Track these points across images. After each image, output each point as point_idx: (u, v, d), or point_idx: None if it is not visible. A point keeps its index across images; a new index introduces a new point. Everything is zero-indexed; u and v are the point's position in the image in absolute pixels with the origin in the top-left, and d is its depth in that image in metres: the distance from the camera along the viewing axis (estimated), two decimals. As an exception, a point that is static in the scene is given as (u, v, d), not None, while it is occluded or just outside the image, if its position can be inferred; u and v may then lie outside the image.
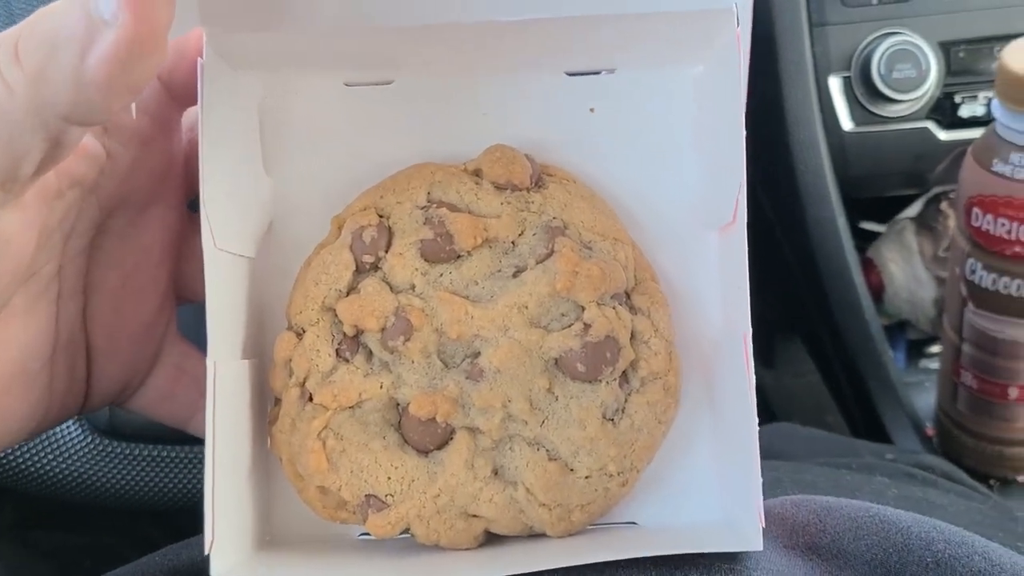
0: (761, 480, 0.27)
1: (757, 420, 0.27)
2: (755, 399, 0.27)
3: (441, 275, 0.31)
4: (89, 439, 0.45)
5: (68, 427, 0.45)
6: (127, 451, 0.46)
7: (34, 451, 0.45)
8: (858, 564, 0.28)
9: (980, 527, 0.30)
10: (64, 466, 0.45)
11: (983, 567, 0.27)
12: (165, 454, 0.46)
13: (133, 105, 0.29)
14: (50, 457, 0.45)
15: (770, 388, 0.79)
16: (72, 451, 0.45)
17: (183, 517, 0.36)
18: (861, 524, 0.29)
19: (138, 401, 0.34)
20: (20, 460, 0.45)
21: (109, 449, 0.45)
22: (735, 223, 0.29)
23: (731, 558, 0.28)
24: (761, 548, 0.27)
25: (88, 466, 0.45)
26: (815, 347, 0.69)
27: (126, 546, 0.57)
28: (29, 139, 0.24)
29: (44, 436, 0.45)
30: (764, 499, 0.27)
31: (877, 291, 0.66)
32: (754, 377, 0.28)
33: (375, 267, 0.31)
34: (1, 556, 0.63)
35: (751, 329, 0.28)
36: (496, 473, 0.30)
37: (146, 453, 0.46)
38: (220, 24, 0.28)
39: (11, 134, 0.24)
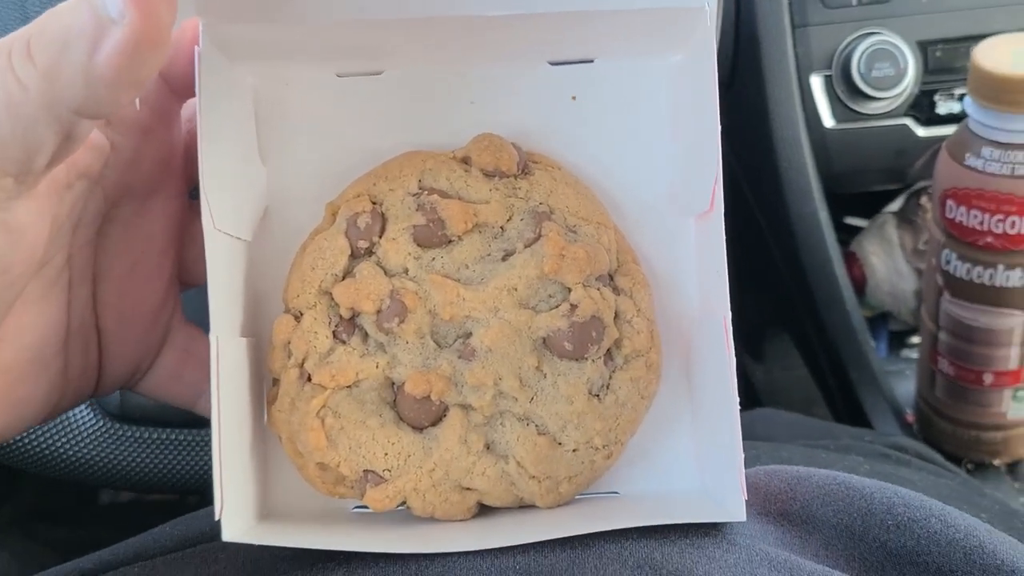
0: (743, 455, 0.29)
1: (738, 399, 0.29)
2: (736, 379, 0.29)
3: (433, 259, 0.32)
4: (101, 423, 0.46)
5: (80, 411, 0.47)
6: (137, 434, 0.47)
7: (47, 435, 0.46)
8: (826, 528, 0.30)
9: (947, 499, 0.31)
10: (76, 449, 0.46)
11: (939, 528, 0.29)
12: (174, 437, 0.47)
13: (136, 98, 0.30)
14: (63, 441, 0.46)
15: (759, 382, 0.81)
16: (84, 435, 0.46)
17: (185, 509, 0.37)
18: (828, 491, 0.30)
19: (147, 384, 0.35)
20: (34, 443, 0.46)
21: (120, 433, 0.47)
22: (712, 211, 0.30)
23: (708, 524, 0.30)
24: (744, 519, 0.29)
25: (100, 449, 0.46)
26: (800, 339, 0.71)
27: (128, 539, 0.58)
28: (43, 132, 0.25)
29: (57, 420, 0.46)
30: None
31: (860, 284, 0.67)
32: (734, 359, 0.29)
33: (369, 252, 0.32)
34: (7, 547, 0.64)
35: (731, 313, 0.29)
36: (488, 448, 0.31)
37: (155, 436, 0.47)
38: (216, 14, 0.29)
39: (25, 128, 0.25)
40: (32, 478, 0.74)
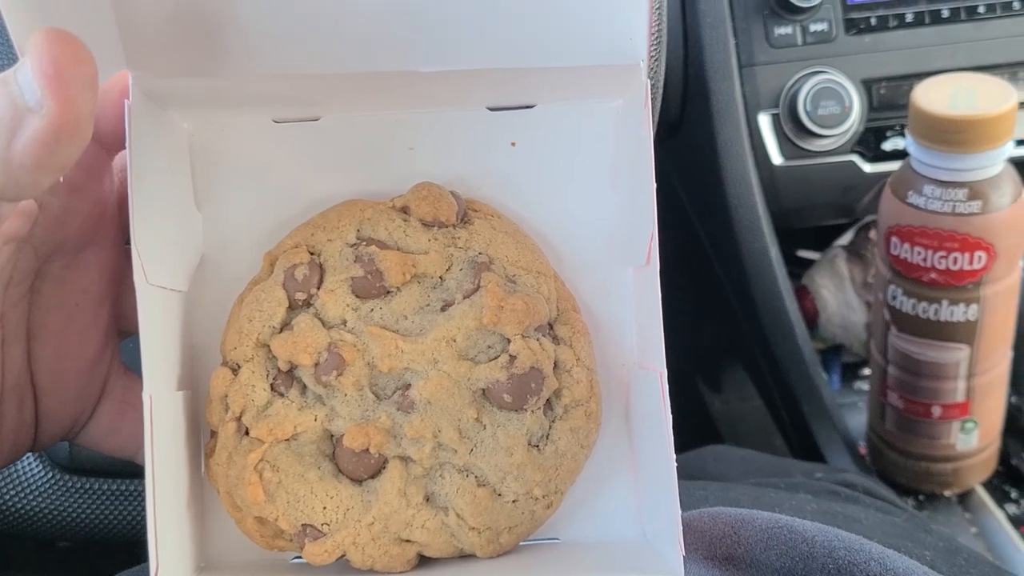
0: (680, 512, 0.28)
1: (674, 456, 0.29)
2: (671, 437, 0.29)
3: (372, 310, 0.32)
4: (49, 474, 0.46)
5: (28, 462, 0.46)
6: (86, 485, 0.46)
7: (-9, 486, 0.46)
8: (769, 572, 0.30)
9: (892, 538, 0.32)
10: (24, 501, 0.45)
11: (878, 571, 0.29)
12: (124, 487, 0.46)
13: None
14: (11, 492, 0.45)
15: (717, 412, 0.81)
16: (32, 486, 0.46)
17: (137, 550, 0.37)
18: (771, 535, 0.31)
19: (86, 436, 0.34)
20: (-26, 496, 0.46)
21: (69, 484, 0.46)
22: (648, 266, 0.30)
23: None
24: (682, 574, 0.29)
25: (48, 501, 0.46)
26: (754, 372, 0.71)
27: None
28: None
29: (4, 472, 0.45)
30: (684, 511, 0.29)
31: (812, 317, 0.68)
32: (670, 416, 0.29)
33: (307, 304, 0.32)
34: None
35: (666, 370, 0.29)
36: (428, 500, 0.31)
37: (105, 487, 0.46)
38: (146, 69, 0.29)
39: None
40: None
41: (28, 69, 0.24)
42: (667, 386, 0.29)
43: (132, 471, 0.46)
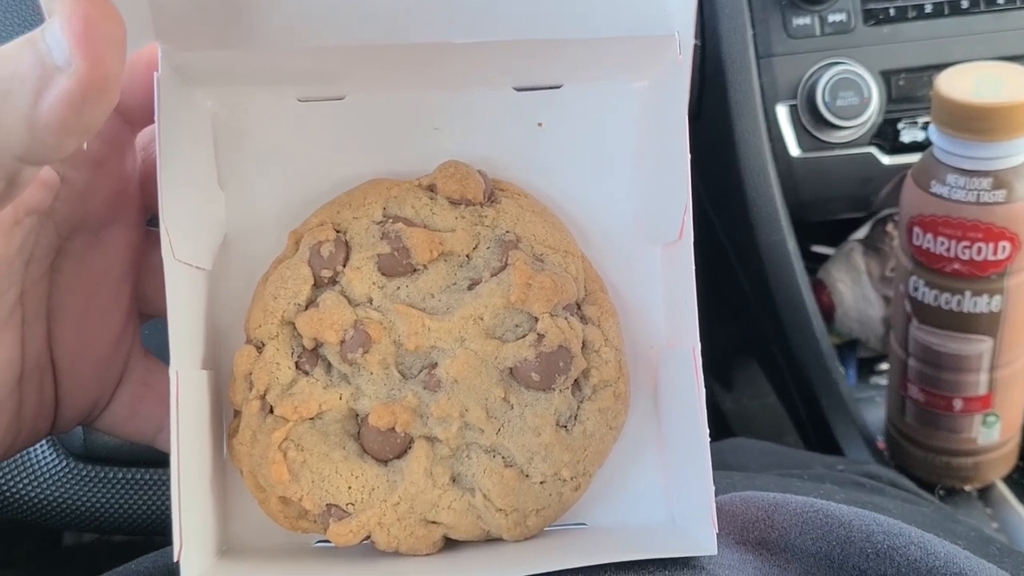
0: (713, 488, 0.28)
1: (708, 431, 0.28)
2: (705, 411, 0.28)
3: (398, 288, 0.31)
4: (63, 463, 0.45)
5: (43, 451, 0.45)
6: (101, 474, 0.45)
7: (8, 475, 0.45)
8: (804, 557, 0.29)
9: (923, 527, 0.31)
10: (39, 490, 0.45)
11: (918, 555, 0.28)
12: (139, 476, 0.46)
13: None
14: (25, 481, 0.45)
15: (729, 410, 0.80)
16: (47, 475, 0.45)
17: (151, 551, 0.36)
18: (806, 519, 0.30)
19: (105, 419, 0.34)
20: (-6, 485, 0.45)
21: (84, 473, 0.45)
22: (680, 240, 0.30)
23: (686, 558, 0.29)
24: (715, 552, 0.28)
25: (63, 490, 0.45)
26: (770, 367, 0.71)
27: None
28: None
29: (18, 460, 0.45)
30: (715, 496, 0.28)
31: (828, 311, 0.68)
32: (704, 389, 0.28)
33: (333, 281, 0.31)
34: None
35: (699, 343, 0.29)
36: (454, 480, 0.31)
37: (120, 476, 0.46)
38: (175, 41, 0.28)
39: None
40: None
41: (57, 27, 0.23)
42: (700, 359, 0.29)
43: (147, 460, 0.46)
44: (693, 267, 0.29)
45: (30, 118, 0.24)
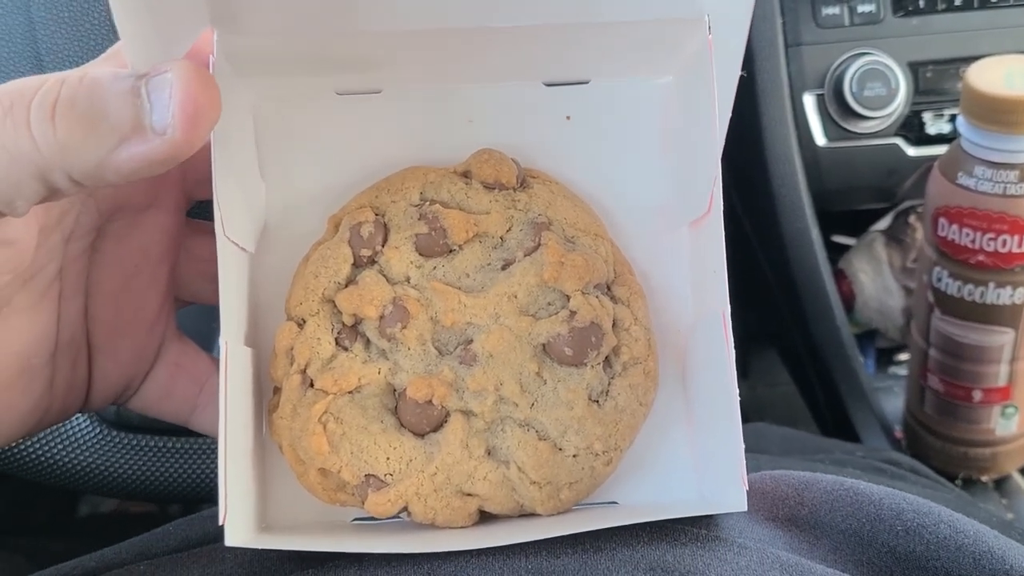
0: (743, 447, 0.29)
1: (738, 393, 0.29)
2: (735, 374, 0.29)
3: (435, 268, 0.32)
4: (97, 429, 0.46)
5: (78, 419, 0.46)
6: (134, 442, 0.46)
7: (43, 441, 0.46)
8: (834, 534, 0.30)
9: (948, 511, 0.32)
10: (72, 456, 0.46)
11: (947, 533, 0.29)
12: (171, 445, 0.47)
13: None
14: (59, 447, 0.46)
15: (744, 398, 0.81)
16: (81, 441, 0.46)
17: (166, 520, 0.37)
18: (836, 497, 0.31)
19: (139, 400, 0.35)
20: (30, 450, 0.46)
21: (117, 440, 0.46)
22: (710, 213, 0.31)
23: (718, 529, 0.30)
24: (745, 508, 0.29)
25: (96, 456, 0.46)
26: (789, 355, 0.71)
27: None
28: (34, 186, 0.25)
29: (53, 428, 0.46)
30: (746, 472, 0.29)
31: (848, 301, 0.68)
32: (734, 352, 0.29)
33: (372, 261, 0.32)
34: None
35: (729, 307, 0.30)
36: (489, 453, 0.31)
37: (152, 444, 0.47)
38: (227, 26, 0.29)
39: (20, 179, 0.25)
40: (7, 490, 0.74)
41: (166, 97, 0.24)
42: (730, 322, 0.29)
43: (179, 429, 0.47)
44: (723, 236, 0.30)
45: (105, 159, 0.25)
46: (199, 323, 0.43)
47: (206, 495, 0.48)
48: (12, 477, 0.49)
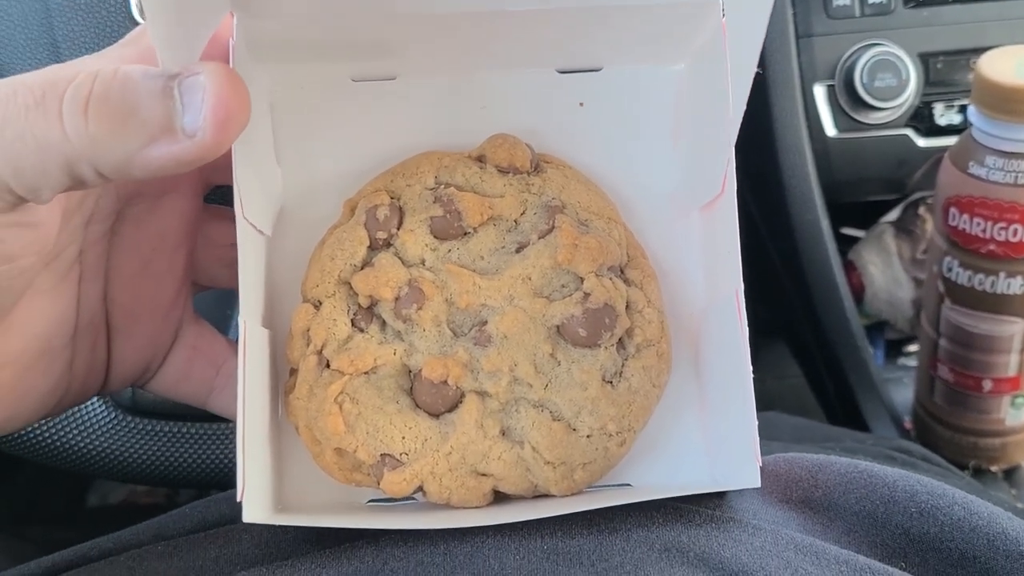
0: (756, 424, 0.29)
1: (751, 371, 0.29)
2: (749, 352, 0.29)
3: (450, 251, 0.33)
4: (112, 415, 0.46)
5: (93, 404, 0.47)
6: (148, 427, 0.47)
7: (58, 425, 0.46)
8: (848, 516, 0.30)
9: (958, 495, 0.32)
10: (87, 440, 0.46)
11: (962, 515, 0.29)
12: (185, 430, 0.47)
13: None
14: (74, 432, 0.46)
15: (754, 390, 0.81)
16: (95, 426, 0.46)
17: (210, 491, 0.37)
18: (850, 479, 0.31)
19: (158, 383, 0.35)
20: (45, 434, 0.46)
21: (131, 425, 0.47)
22: (723, 194, 0.31)
23: (732, 510, 0.30)
24: (759, 484, 0.29)
25: (110, 441, 0.46)
26: (798, 346, 0.71)
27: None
28: (60, 177, 0.26)
29: (70, 411, 0.46)
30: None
31: (857, 292, 0.68)
32: (747, 330, 0.29)
33: (387, 244, 0.33)
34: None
35: (743, 286, 0.30)
36: (504, 434, 0.32)
37: (167, 429, 0.47)
38: (248, 9, 0.29)
39: (47, 168, 0.25)
40: (20, 478, 0.74)
41: (199, 101, 0.25)
42: (744, 301, 0.30)
43: (193, 415, 0.47)
44: (736, 216, 0.30)
45: (134, 155, 0.25)
46: (214, 309, 0.44)
47: (219, 481, 0.48)
48: (26, 462, 0.49)
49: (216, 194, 0.35)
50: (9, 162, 0.25)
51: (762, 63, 0.60)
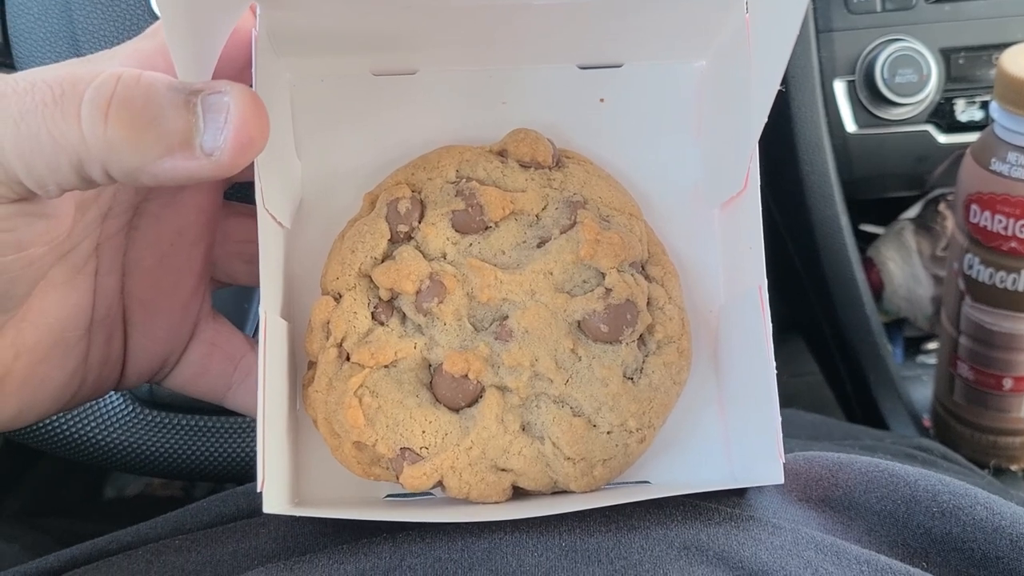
0: (779, 419, 0.29)
1: (775, 366, 0.29)
2: (772, 348, 0.29)
3: (471, 245, 0.32)
4: (130, 408, 0.47)
5: (111, 397, 0.47)
6: (165, 420, 0.47)
7: (77, 418, 0.46)
8: (869, 515, 0.30)
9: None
10: (105, 433, 0.46)
11: (984, 515, 0.29)
12: (203, 423, 0.47)
13: None
14: (92, 424, 0.46)
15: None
16: (113, 419, 0.47)
17: (190, 503, 0.37)
18: (871, 478, 0.31)
19: (175, 379, 0.35)
20: (64, 427, 0.46)
21: (149, 418, 0.47)
22: (747, 189, 0.31)
23: (751, 509, 0.30)
24: (782, 481, 0.29)
25: (128, 434, 0.47)
26: (816, 342, 0.71)
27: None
28: (70, 174, 0.25)
29: (88, 404, 0.47)
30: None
31: (876, 289, 0.68)
32: (770, 326, 0.29)
33: (408, 237, 0.33)
34: (17, 539, 0.64)
35: (766, 281, 0.30)
36: (524, 429, 0.32)
37: (184, 422, 0.47)
38: (270, 1, 0.29)
39: (58, 165, 0.25)
40: (37, 471, 0.74)
41: (221, 121, 0.25)
42: (767, 296, 0.29)
43: (210, 409, 0.47)
44: (760, 212, 0.30)
45: (149, 165, 0.25)
46: (233, 305, 0.44)
47: (236, 474, 0.48)
48: (45, 455, 0.49)
49: (235, 191, 0.35)
50: (21, 156, 0.25)
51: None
